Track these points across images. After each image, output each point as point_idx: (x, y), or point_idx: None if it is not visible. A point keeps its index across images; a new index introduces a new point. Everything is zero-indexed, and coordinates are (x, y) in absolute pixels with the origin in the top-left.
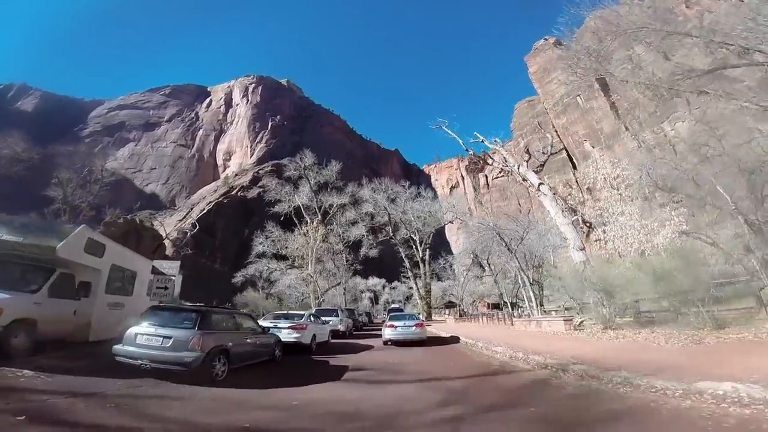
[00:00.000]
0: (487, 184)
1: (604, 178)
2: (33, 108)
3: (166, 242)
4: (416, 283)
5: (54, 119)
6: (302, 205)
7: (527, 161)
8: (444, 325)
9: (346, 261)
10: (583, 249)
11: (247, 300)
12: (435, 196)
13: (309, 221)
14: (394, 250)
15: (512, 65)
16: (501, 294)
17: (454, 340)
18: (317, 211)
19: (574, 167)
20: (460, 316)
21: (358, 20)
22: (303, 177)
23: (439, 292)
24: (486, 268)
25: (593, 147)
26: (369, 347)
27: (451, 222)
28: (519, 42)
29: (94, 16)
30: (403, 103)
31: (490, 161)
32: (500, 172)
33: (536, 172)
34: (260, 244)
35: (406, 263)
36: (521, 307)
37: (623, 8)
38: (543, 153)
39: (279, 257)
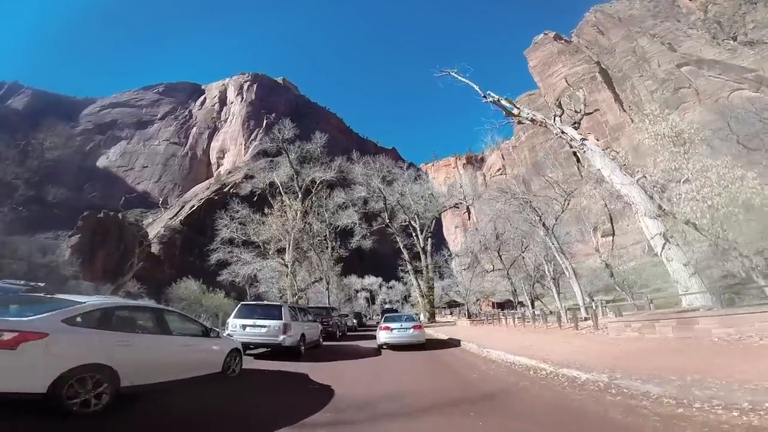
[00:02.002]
0: (485, 183)
1: (664, 135)
2: (24, 106)
3: (154, 241)
4: (416, 279)
5: (45, 118)
6: (280, 183)
7: (560, 116)
8: (458, 330)
9: (332, 249)
10: (659, 216)
11: (181, 293)
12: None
13: (286, 202)
14: (391, 240)
15: (511, 60)
16: (514, 291)
17: (519, 366)
18: (298, 189)
19: (578, 161)
20: (470, 316)
21: (356, 18)
22: (282, 152)
23: (439, 290)
24: (488, 262)
25: (598, 140)
26: (315, 405)
27: (456, 206)
28: (518, 36)
29: (87, 14)
30: (400, 102)
31: (516, 111)
32: (504, 161)
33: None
34: (225, 226)
35: (405, 255)
36: (525, 305)
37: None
38: (576, 111)
39: (250, 245)
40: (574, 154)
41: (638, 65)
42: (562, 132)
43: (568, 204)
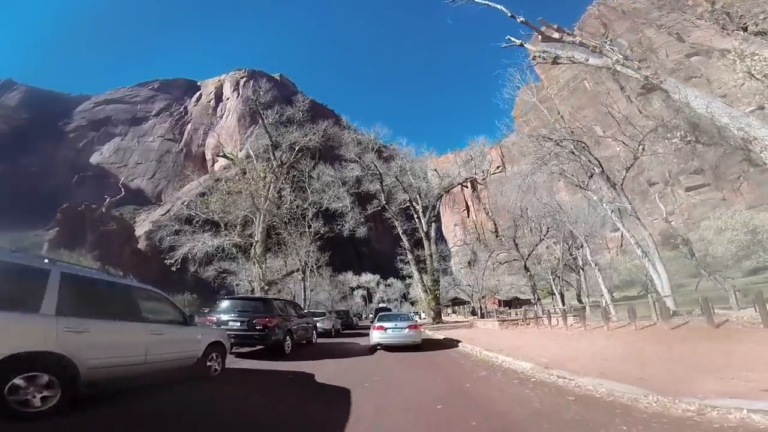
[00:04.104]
0: (485, 180)
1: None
2: (17, 103)
3: (142, 236)
4: (419, 271)
5: (39, 114)
6: (255, 156)
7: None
8: (491, 338)
9: (313, 232)
10: None
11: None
12: None
13: (255, 166)
14: (390, 235)
15: (512, 53)
16: (533, 285)
17: None
18: (272, 158)
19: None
20: (482, 315)
21: (354, 16)
22: (258, 116)
23: (443, 285)
24: (489, 260)
25: (605, 132)
26: None
27: (465, 185)
28: (518, 31)
29: (82, 11)
30: (399, 102)
31: (557, 35)
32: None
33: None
34: (178, 199)
35: (405, 242)
36: (532, 304)
37: None
38: (623, 57)
39: (211, 224)
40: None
41: (645, 56)
42: (625, 59)
43: (643, 150)
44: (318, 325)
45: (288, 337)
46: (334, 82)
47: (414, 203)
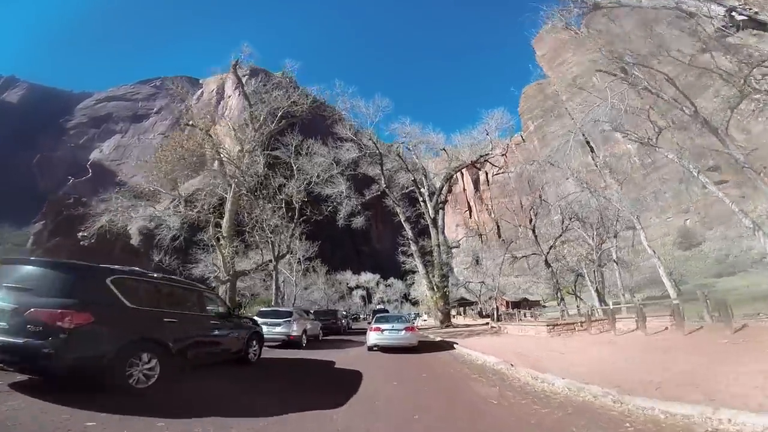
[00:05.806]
0: (487, 181)
1: None
2: (19, 99)
3: (137, 234)
4: (424, 265)
5: (40, 111)
6: (232, 127)
7: None
8: (539, 352)
9: (283, 199)
10: None
11: None
12: None
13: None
14: (391, 233)
15: (514, 52)
16: (556, 282)
17: None
18: (251, 124)
19: (592, 150)
20: (498, 318)
21: (357, 18)
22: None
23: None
24: (491, 259)
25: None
26: None
27: (475, 166)
28: (517, 29)
29: (86, 8)
30: (403, 102)
31: None
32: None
33: None
34: (180, 196)
35: (407, 231)
36: (543, 305)
37: None
38: None
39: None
40: (588, 143)
41: (656, 51)
42: None
43: (750, 88)
44: (277, 330)
45: (149, 356)
46: (337, 77)
47: (419, 186)
